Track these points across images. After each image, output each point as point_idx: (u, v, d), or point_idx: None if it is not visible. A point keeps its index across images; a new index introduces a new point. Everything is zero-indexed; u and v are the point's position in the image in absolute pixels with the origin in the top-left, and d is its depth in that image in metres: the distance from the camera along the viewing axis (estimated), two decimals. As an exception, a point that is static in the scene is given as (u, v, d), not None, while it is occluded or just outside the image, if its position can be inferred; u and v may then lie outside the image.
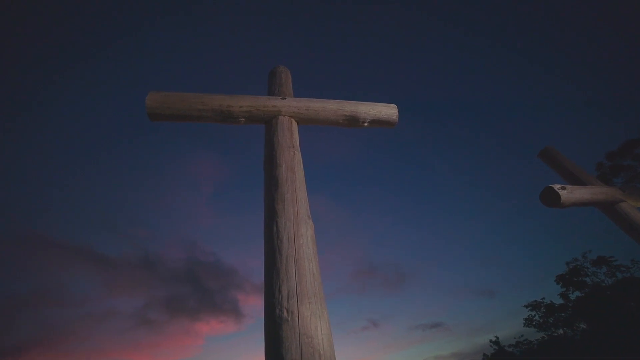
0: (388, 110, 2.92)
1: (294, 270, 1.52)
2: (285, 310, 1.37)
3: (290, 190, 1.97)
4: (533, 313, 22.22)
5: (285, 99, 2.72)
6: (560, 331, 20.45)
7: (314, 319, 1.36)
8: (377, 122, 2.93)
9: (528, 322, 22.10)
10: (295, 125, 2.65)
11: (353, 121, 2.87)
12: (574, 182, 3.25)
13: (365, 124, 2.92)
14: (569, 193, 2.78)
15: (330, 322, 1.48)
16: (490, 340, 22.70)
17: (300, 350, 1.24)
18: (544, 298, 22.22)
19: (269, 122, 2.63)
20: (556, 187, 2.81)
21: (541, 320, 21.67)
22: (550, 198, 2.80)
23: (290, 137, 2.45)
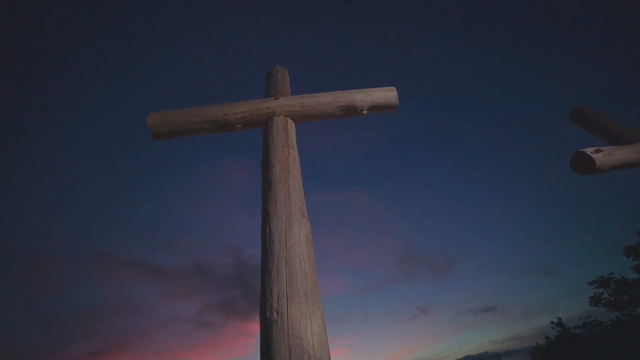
0: (386, 94, 2.78)
1: (284, 271, 1.52)
2: (275, 312, 1.37)
3: (283, 190, 1.96)
4: (600, 290, 20.02)
5: (278, 99, 2.71)
6: (640, 310, 18.18)
7: (303, 319, 1.34)
8: (376, 108, 2.81)
9: (595, 300, 19.99)
10: (291, 124, 2.64)
11: (351, 111, 2.78)
12: (614, 143, 2.83)
13: (364, 112, 2.81)
14: (606, 156, 2.42)
15: (324, 320, 1.46)
16: (552, 322, 20.88)
17: (289, 352, 1.24)
18: (612, 273, 19.90)
19: (265, 125, 2.64)
20: (589, 150, 2.46)
21: (612, 298, 19.47)
22: (583, 165, 2.46)
23: (285, 137, 2.44)
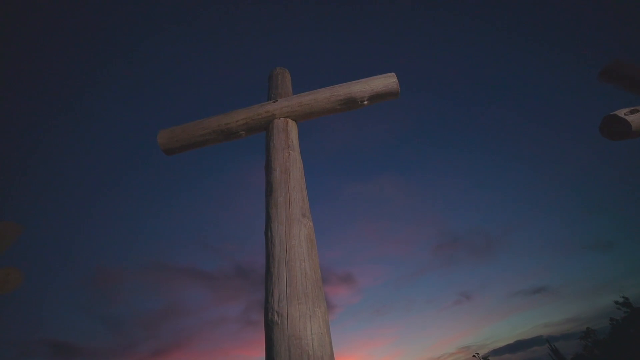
0: (385, 81, 2.68)
1: (285, 273, 1.54)
2: (276, 314, 1.40)
3: (283, 192, 1.98)
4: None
5: (277, 101, 2.73)
6: None
7: (303, 319, 1.36)
8: (377, 97, 2.72)
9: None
10: (292, 124, 2.65)
11: (351, 103, 2.73)
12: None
13: (365, 102, 2.74)
14: (643, 116, 2.12)
15: (327, 318, 1.46)
16: (616, 302, 18.89)
17: (289, 353, 1.26)
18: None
19: (267, 128, 2.68)
20: (622, 112, 2.17)
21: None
22: (616, 129, 2.18)
23: (285, 139, 2.46)
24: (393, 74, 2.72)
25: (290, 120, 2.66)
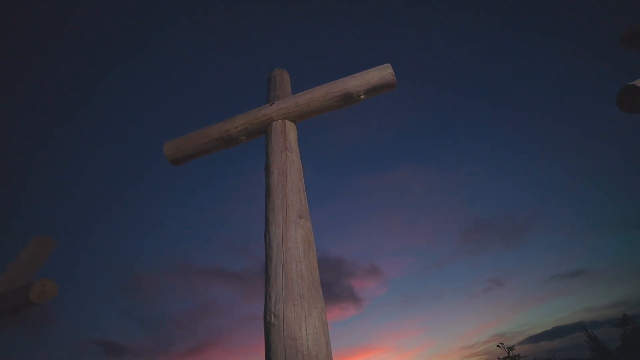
0: (380, 73, 2.62)
1: (281, 275, 1.58)
2: (272, 316, 1.44)
3: (280, 195, 2.01)
4: None
5: (273, 104, 2.76)
6: None
7: (298, 320, 1.39)
8: (374, 90, 2.68)
9: None
10: (290, 125, 2.67)
11: (348, 99, 2.70)
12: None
13: (362, 97, 2.70)
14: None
15: (324, 318, 1.48)
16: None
17: (284, 353, 1.30)
18: None
19: (266, 131, 2.72)
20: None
21: None
22: (635, 101, 1.99)
23: (283, 141, 2.48)
24: (388, 64, 2.65)
25: (288, 122, 2.68)
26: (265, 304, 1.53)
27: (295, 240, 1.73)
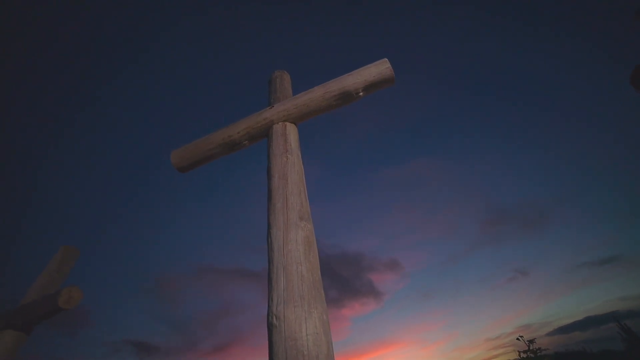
0: (377, 69, 2.59)
1: (282, 277, 1.61)
2: (274, 317, 1.48)
3: (281, 198, 2.05)
4: None
5: (273, 106, 2.79)
6: None
7: (298, 321, 1.42)
8: (372, 87, 2.65)
9: None
10: (290, 127, 2.69)
11: (347, 97, 2.69)
12: None
13: (361, 94, 2.68)
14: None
15: (325, 318, 1.50)
16: None
17: (285, 354, 1.33)
18: None
19: (267, 135, 2.75)
20: (654, 59, 1.86)
21: None
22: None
23: (283, 143, 2.51)
24: (386, 59, 2.62)
25: (288, 124, 2.70)
26: (268, 306, 1.57)
27: (296, 242, 1.76)
